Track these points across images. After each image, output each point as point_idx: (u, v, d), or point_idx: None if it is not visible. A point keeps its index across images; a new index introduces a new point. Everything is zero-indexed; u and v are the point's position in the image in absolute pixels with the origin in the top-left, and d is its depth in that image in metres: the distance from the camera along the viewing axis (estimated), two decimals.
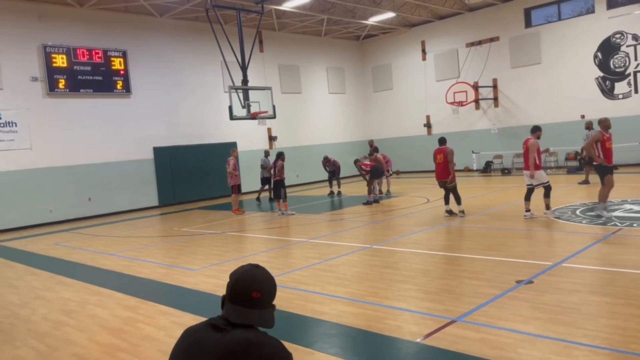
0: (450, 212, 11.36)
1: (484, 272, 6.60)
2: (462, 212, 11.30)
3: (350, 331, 5.00)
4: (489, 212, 11.56)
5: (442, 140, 12.10)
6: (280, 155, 14.26)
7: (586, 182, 15.48)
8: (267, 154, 18.21)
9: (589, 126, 15.81)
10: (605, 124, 10.09)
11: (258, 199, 18.21)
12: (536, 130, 10.47)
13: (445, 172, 11.44)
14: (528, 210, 10.32)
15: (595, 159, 9.88)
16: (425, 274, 6.86)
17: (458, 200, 11.33)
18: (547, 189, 10.21)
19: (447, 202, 11.55)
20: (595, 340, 4.24)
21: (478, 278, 6.36)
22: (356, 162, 15.80)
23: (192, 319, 5.69)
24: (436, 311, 5.29)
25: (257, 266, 1.95)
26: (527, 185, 10.37)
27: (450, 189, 11.42)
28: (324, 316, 5.45)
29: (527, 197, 10.34)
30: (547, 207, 10.26)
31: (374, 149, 16.46)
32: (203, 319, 1.97)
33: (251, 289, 1.86)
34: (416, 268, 7.26)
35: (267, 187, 17.59)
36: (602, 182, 9.82)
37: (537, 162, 10.19)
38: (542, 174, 10.24)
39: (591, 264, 6.62)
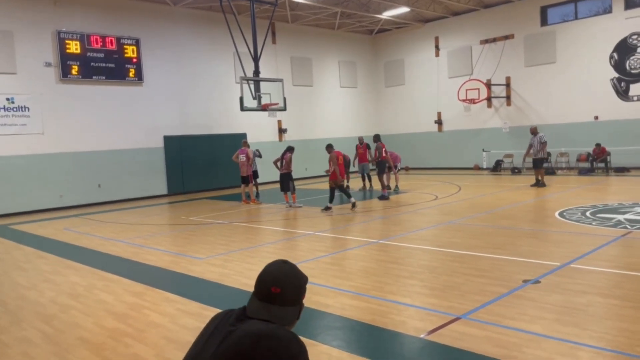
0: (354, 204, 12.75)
1: (491, 271, 6.56)
2: (329, 208, 12.77)
3: (355, 325, 5.00)
4: (498, 210, 11.50)
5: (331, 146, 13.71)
6: (290, 149, 14.36)
7: (542, 184, 15.23)
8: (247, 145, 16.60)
9: (534, 131, 15.52)
10: None
11: (257, 195, 17.11)
12: None
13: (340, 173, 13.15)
14: None
15: None
16: (431, 270, 6.84)
17: (331, 199, 13.00)
18: None
19: (349, 196, 12.96)
20: (601, 342, 4.20)
21: (484, 276, 6.33)
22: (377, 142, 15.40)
23: (198, 307, 5.73)
24: (441, 307, 5.27)
25: (284, 262, 1.92)
26: None
27: (340, 186, 13.13)
28: (328, 309, 5.45)
29: None
30: None
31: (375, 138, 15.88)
32: (207, 307, 2.00)
33: (271, 284, 1.84)
34: (422, 264, 7.24)
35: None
36: None
37: None
38: None
39: (599, 266, 6.56)
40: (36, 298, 6.56)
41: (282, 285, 1.83)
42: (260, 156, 17.34)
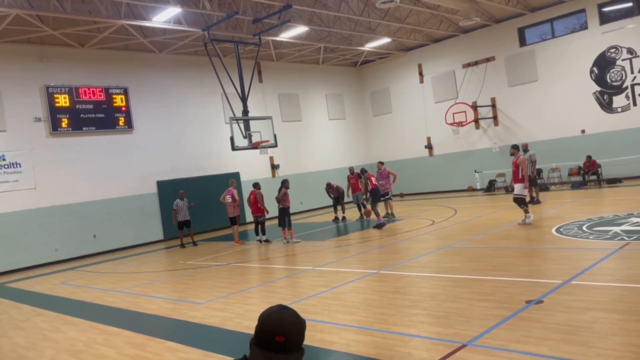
0: (261, 241, 14.59)
1: (493, 293, 6.53)
2: (268, 240, 14.62)
3: None
4: (495, 231, 11.50)
5: (254, 185, 15.14)
6: (284, 183, 14.33)
7: (537, 201, 15.44)
8: (182, 196, 16.42)
9: (524, 148, 15.73)
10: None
11: (182, 245, 16.32)
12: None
13: (257, 209, 14.53)
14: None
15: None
16: (434, 297, 6.80)
17: (264, 231, 14.67)
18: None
19: (257, 233, 14.76)
20: (609, 359, 4.17)
21: (487, 299, 6.29)
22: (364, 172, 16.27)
23: (201, 354, 5.64)
24: (446, 336, 5.23)
25: (284, 308, 1.88)
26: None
27: (261, 222, 14.63)
28: (333, 346, 5.39)
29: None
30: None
31: (361, 171, 16.73)
32: (210, 354, 1.98)
33: (274, 333, 1.79)
34: (424, 292, 7.20)
35: (185, 231, 16.36)
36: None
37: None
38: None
39: (600, 281, 6.55)
40: (36, 358, 6.44)
41: (285, 334, 1.80)
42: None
